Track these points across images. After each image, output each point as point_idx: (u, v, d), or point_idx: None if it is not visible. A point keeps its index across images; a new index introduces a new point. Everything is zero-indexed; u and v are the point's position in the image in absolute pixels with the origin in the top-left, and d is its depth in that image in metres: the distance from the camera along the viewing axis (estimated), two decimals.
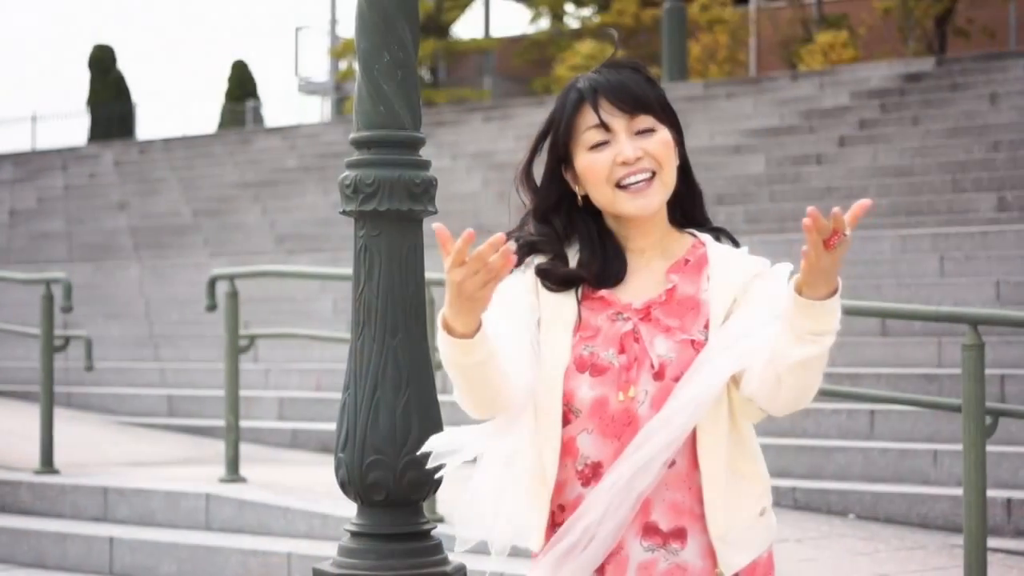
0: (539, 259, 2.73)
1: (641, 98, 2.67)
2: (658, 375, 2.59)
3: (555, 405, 2.61)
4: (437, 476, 2.78)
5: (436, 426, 3.83)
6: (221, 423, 9.26)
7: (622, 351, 2.61)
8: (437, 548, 3.87)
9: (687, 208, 2.76)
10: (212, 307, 8.26)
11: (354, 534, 3.88)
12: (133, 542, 7.11)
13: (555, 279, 2.69)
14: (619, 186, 2.65)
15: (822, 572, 6.11)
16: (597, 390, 2.60)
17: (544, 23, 31.14)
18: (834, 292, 2.42)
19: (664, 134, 2.67)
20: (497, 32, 33.19)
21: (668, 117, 2.70)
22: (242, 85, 32.46)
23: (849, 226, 2.33)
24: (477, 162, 18.82)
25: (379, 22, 3.97)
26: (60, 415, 9.27)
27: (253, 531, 7.14)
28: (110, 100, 30.90)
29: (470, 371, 2.51)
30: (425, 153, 4.11)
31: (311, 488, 7.60)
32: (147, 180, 22.41)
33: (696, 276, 2.67)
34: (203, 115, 76.07)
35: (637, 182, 2.64)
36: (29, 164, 25.21)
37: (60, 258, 18.14)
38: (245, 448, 8.48)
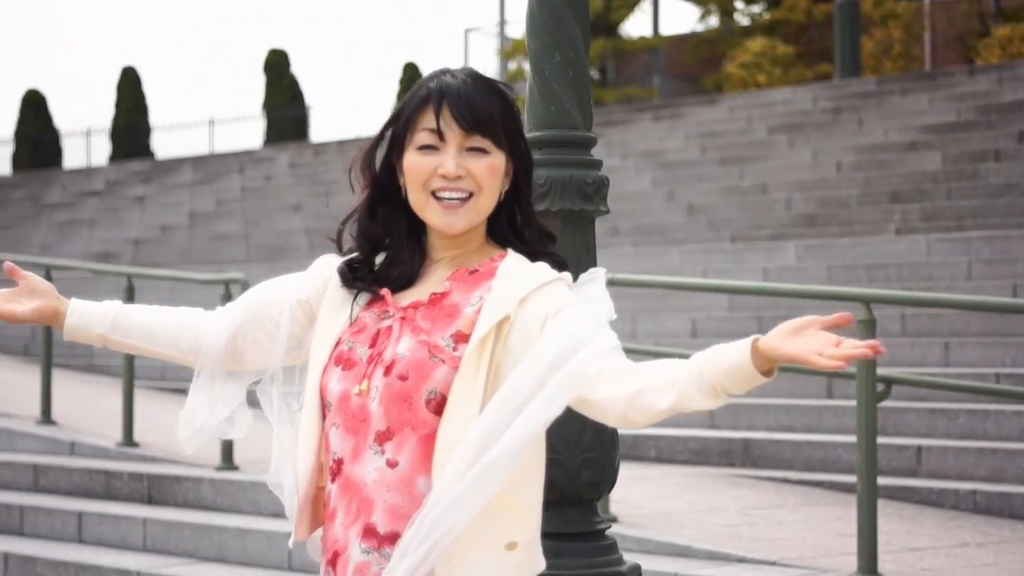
0: (344, 258, 2.75)
1: (483, 118, 2.58)
2: (387, 371, 2.55)
3: (313, 398, 2.63)
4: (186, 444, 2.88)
5: (609, 426, 3.83)
6: None
7: (372, 346, 2.60)
8: (612, 548, 3.87)
9: (516, 232, 2.68)
10: None
11: None
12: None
13: (347, 282, 2.70)
14: (434, 195, 2.60)
15: None
16: (343, 384, 2.59)
17: (713, 20, 30.92)
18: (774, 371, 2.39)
19: (495, 160, 2.59)
20: (666, 30, 33.07)
21: (511, 144, 2.62)
22: (413, 86, 32.77)
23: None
24: (646, 161, 18.76)
25: (550, 22, 3.98)
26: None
27: None
28: (285, 103, 31.43)
29: (108, 344, 2.78)
30: (594, 153, 4.12)
31: None
32: (321, 181, 22.77)
33: (474, 287, 2.59)
34: (375, 117, 77.04)
35: (451, 199, 2.58)
36: (207, 167, 25.79)
37: (238, 258, 18.53)
38: None
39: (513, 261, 2.60)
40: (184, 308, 2.81)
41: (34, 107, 33.09)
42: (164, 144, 36.19)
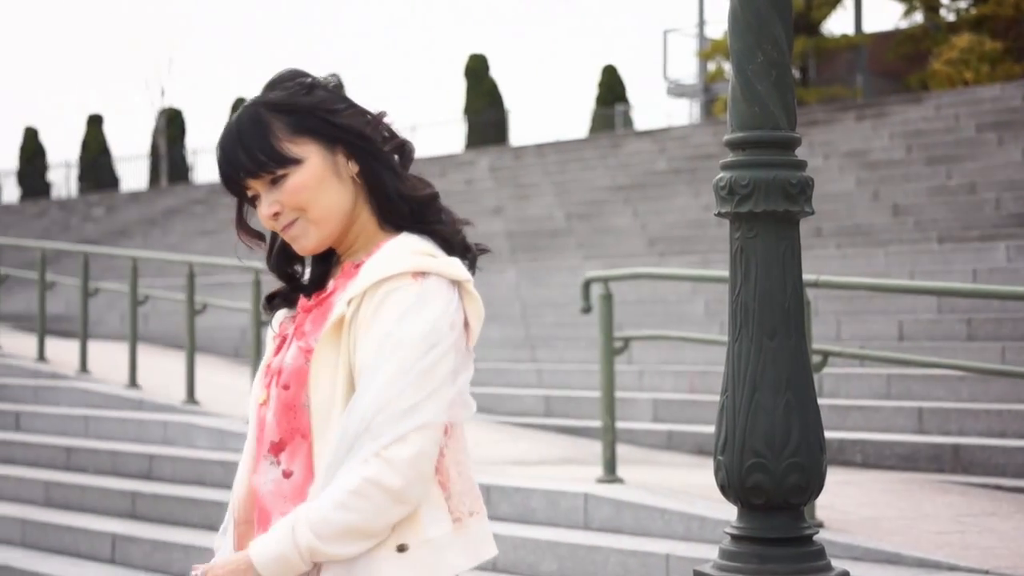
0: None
1: (247, 167, 2.51)
2: (278, 381, 2.54)
3: (252, 411, 2.63)
4: None
5: (815, 429, 3.78)
6: (597, 424, 9.39)
7: (275, 356, 2.61)
8: (820, 554, 3.81)
9: (399, 212, 2.59)
10: (587, 309, 8.39)
11: (735, 537, 3.86)
12: (515, 539, 7.28)
13: (266, 309, 2.69)
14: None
15: None
16: (255, 399, 2.61)
17: (918, 16, 30.27)
18: None
19: (295, 178, 2.51)
20: (869, 27, 32.47)
21: (317, 140, 2.53)
22: (612, 89, 32.78)
23: None
24: (850, 161, 18.47)
25: (752, 22, 3.94)
26: None
27: (631, 531, 7.21)
28: (485, 108, 31.72)
29: None
30: (797, 153, 4.06)
31: (687, 490, 7.62)
32: (521, 185, 22.92)
33: (351, 281, 2.53)
34: (574, 120, 77.34)
35: (287, 229, 2.55)
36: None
37: None
38: (621, 449, 8.57)
39: (383, 250, 2.52)
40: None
41: None
42: None
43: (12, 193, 41.88)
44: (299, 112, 2.53)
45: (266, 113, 2.53)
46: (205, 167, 41.65)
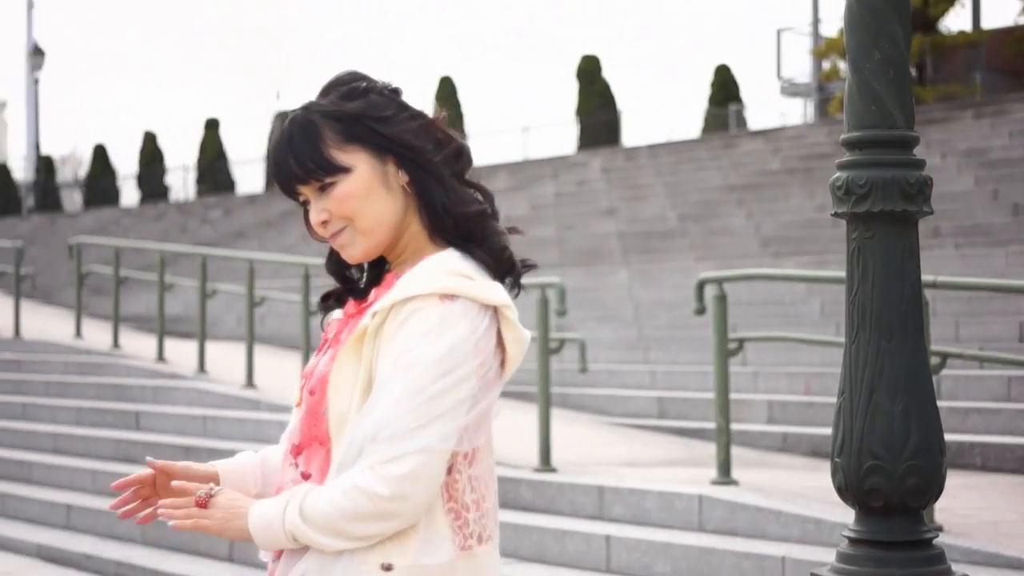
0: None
1: (296, 175, 2.50)
2: (307, 386, 2.54)
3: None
4: None
5: (935, 431, 3.73)
6: (710, 425, 9.34)
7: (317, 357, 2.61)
8: (940, 558, 3.77)
9: (445, 227, 2.54)
10: (701, 310, 8.36)
11: (852, 540, 3.82)
12: (629, 540, 7.27)
13: (320, 306, 2.70)
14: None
15: None
16: (296, 396, 2.61)
17: None
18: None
19: (343, 187, 2.49)
20: (988, 24, 31.96)
21: (366, 149, 2.50)
22: (725, 89, 32.61)
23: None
24: (968, 160, 18.20)
25: (869, 19, 3.90)
26: (556, 415, 9.59)
27: (746, 534, 7.16)
28: (597, 109, 31.70)
29: None
30: (915, 152, 4.02)
31: (802, 492, 7.56)
32: (633, 186, 22.87)
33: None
34: (686, 120, 77.11)
35: (335, 237, 2.54)
36: (522, 173, 26.21)
37: (552, 263, 18.76)
38: (735, 451, 8.52)
39: (420, 267, 2.49)
40: None
41: None
42: (479, 151, 36.98)
43: (132, 196, 42.60)
44: (347, 119, 2.51)
45: (318, 119, 2.51)
46: None
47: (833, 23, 32.16)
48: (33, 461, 11.79)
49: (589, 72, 32.38)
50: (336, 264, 2.64)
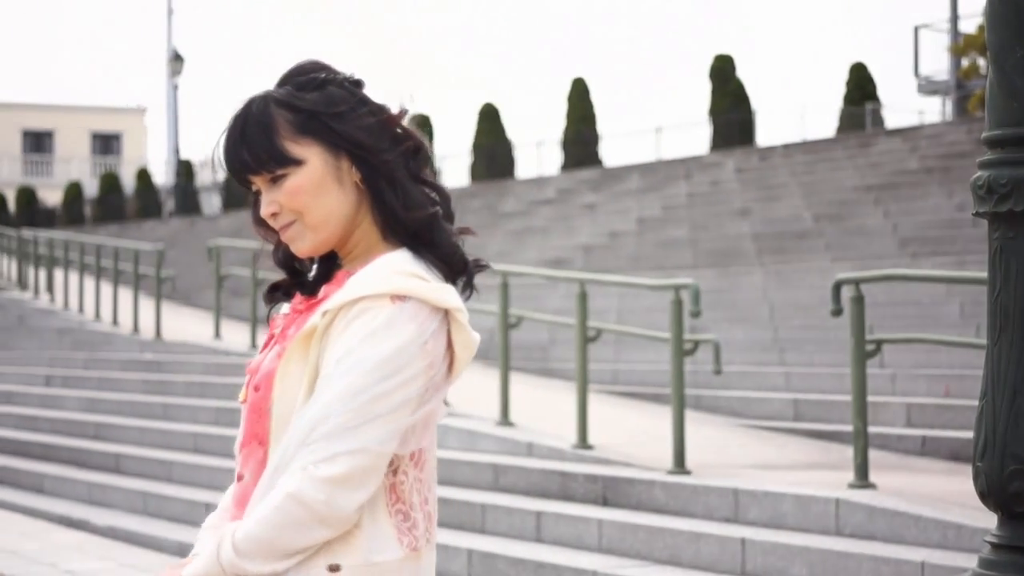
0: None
1: (248, 164, 2.43)
2: (252, 382, 2.47)
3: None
4: None
5: None
6: (847, 428, 9.23)
7: (262, 352, 2.54)
8: None
9: (397, 227, 2.47)
10: (837, 312, 8.27)
11: (995, 546, 3.76)
12: (764, 544, 7.21)
13: (266, 297, 2.62)
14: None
15: None
16: (242, 392, 2.54)
17: None
18: None
19: (294, 180, 2.42)
20: None
21: (320, 142, 2.43)
22: (861, 87, 32.18)
23: None
24: None
25: (1011, 15, 3.83)
26: (690, 417, 9.54)
27: (884, 538, 7.07)
28: (730, 109, 31.48)
29: None
30: None
31: (942, 497, 7.44)
32: (768, 186, 22.69)
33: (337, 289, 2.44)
34: (821, 119, 76.39)
35: (284, 230, 2.47)
36: (654, 174, 26.14)
37: (685, 264, 18.68)
38: (873, 454, 8.42)
39: (371, 266, 2.43)
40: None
41: (490, 120, 34.41)
42: (612, 152, 36.92)
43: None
44: (302, 111, 2.45)
45: (273, 109, 2.45)
46: (450, 173, 42.35)
47: (972, 20, 31.60)
48: (174, 460, 12.03)
49: (723, 71, 32.15)
50: (284, 256, 2.58)
